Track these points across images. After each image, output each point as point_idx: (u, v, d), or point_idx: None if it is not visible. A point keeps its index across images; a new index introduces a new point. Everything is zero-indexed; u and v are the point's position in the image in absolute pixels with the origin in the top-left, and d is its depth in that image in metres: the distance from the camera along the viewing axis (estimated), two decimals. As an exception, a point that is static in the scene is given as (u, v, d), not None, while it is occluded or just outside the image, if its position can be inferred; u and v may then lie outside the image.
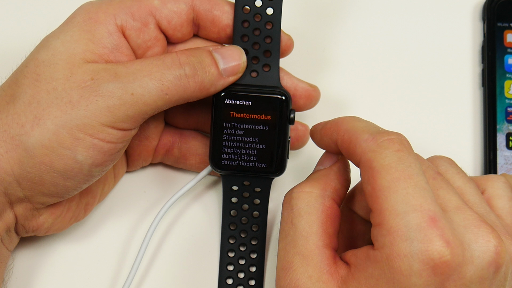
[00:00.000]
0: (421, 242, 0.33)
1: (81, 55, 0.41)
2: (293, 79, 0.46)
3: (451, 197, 0.36)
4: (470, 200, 0.38)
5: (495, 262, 0.35)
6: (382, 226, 0.34)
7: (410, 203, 0.34)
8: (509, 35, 0.52)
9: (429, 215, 0.34)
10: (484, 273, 0.35)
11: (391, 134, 0.36)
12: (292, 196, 0.39)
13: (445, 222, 0.34)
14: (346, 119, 0.39)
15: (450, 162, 0.41)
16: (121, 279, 0.47)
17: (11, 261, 0.46)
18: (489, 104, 0.51)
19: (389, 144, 0.36)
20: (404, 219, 0.34)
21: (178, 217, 0.49)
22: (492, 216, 0.38)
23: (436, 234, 0.34)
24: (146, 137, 0.47)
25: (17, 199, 0.41)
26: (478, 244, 0.35)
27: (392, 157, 0.35)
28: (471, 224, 0.35)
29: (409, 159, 0.35)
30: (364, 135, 0.37)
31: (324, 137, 0.40)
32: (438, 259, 0.33)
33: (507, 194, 0.40)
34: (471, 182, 0.40)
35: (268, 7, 0.44)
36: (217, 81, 0.42)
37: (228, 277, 0.46)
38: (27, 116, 0.40)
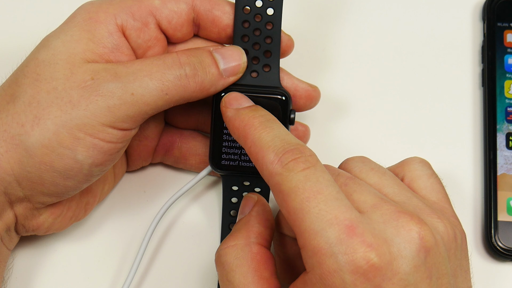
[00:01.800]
0: (345, 254, 0.33)
1: (81, 55, 0.41)
2: (293, 79, 0.46)
3: (365, 197, 0.36)
4: (389, 192, 0.38)
5: (423, 248, 0.35)
6: (306, 248, 0.34)
7: (325, 219, 0.34)
8: (509, 35, 0.52)
9: (346, 225, 0.34)
10: (416, 261, 0.34)
11: (296, 152, 0.36)
12: (220, 254, 0.39)
13: (363, 226, 0.34)
14: (254, 126, 0.38)
15: (362, 161, 0.40)
16: (121, 278, 0.47)
17: (11, 260, 0.46)
18: (489, 104, 0.51)
19: (294, 166, 0.35)
20: (324, 236, 0.34)
21: (178, 217, 0.49)
22: (414, 201, 0.38)
23: (358, 242, 0.33)
24: (146, 137, 0.47)
25: (17, 198, 0.41)
26: (400, 236, 0.34)
27: (299, 177, 0.35)
28: (390, 218, 0.35)
29: (316, 174, 0.35)
30: (270, 155, 0.36)
31: (232, 133, 0.39)
32: (366, 264, 0.33)
33: (425, 172, 0.40)
34: (386, 174, 0.39)
35: (269, 7, 0.44)
36: (217, 81, 0.42)
37: (228, 277, 0.46)
38: (27, 115, 0.40)
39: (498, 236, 0.48)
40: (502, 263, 0.49)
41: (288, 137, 0.37)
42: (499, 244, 0.48)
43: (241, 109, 0.40)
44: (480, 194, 0.50)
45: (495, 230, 0.48)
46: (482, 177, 0.50)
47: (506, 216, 0.48)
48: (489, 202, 0.48)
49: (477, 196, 0.50)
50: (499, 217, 0.48)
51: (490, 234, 0.48)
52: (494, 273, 0.48)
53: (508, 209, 0.48)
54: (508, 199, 0.49)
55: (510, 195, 0.49)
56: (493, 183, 0.49)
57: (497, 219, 0.48)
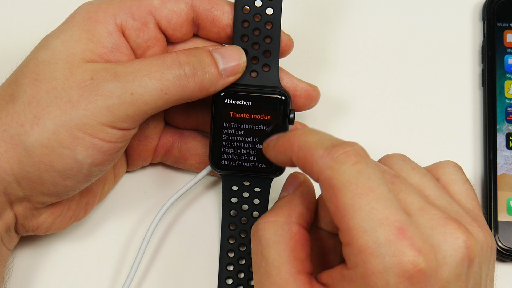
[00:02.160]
0: (393, 256, 0.33)
1: (81, 55, 0.41)
2: (293, 79, 0.46)
3: (412, 198, 0.36)
4: (430, 194, 0.38)
5: (467, 257, 0.35)
6: (352, 245, 0.34)
7: (376, 218, 0.33)
8: (509, 35, 0.52)
9: (396, 226, 0.33)
10: (459, 270, 0.34)
11: (346, 146, 0.35)
12: (259, 228, 0.38)
13: (413, 229, 0.34)
14: (298, 134, 0.37)
15: (403, 159, 0.40)
16: (121, 278, 0.47)
17: (11, 260, 0.46)
18: (489, 104, 0.51)
19: (345, 158, 0.34)
20: (373, 235, 0.33)
21: (178, 217, 0.49)
22: (454, 206, 0.37)
23: (407, 245, 0.33)
24: (145, 137, 0.47)
25: (17, 198, 0.41)
26: (447, 243, 0.34)
27: (351, 171, 0.34)
28: (437, 224, 0.35)
29: (368, 170, 0.34)
30: (319, 151, 0.35)
31: (279, 154, 0.39)
32: (413, 269, 0.33)
33: (460, 177, 0.40)
34: (428, 175, 0.39)
35: (268, 7, 0.44)
36: (217, 81, 0.42)
37: (228, 277, 0.46)
38: (26, 115, 0.40)
39: (498, 236, 0.48)
40: (502, 263, 0.49)
41: (335, 137, 0.37)
42: (499, 244, 0.48)
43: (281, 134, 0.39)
44: (480, 194, 0.50)
45: (495, 230, 0.48)
46: (482, 177, 0.50)
47: (506, 216, 0.48)
48: (489, 202, 0.48)
49: (477, 196, 0.50)
50: (499, 217, 0.48)
51: (490, 234, 0.48)
52: (494, 273, 0.48)
53: (508, 209, 0.48)
54: (508, 199, 0.49)
55: (510, 195, 0.49)
56: (493, 183, 0.49)
57: (497, 219, 0.48)
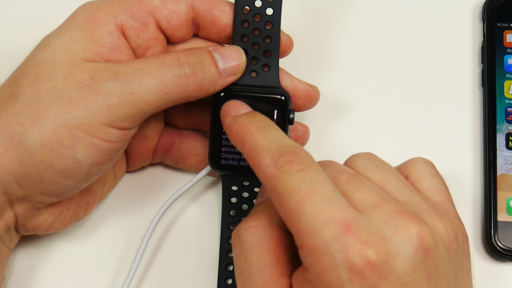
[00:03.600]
0: (340, 252, 0.33)
1: (81, 55, 0.41)
2: (293, 79, 0.46)
3: (366, 196, 0.36)
4: (392, 191, 0.38)
5: (421, 248, 0.34)
6: (303, 247, 0.34)
7: (321, 218, 0.34)
8: (508, 35, 0.52)
9: (341, 223, 0.34)
10: (414, 260, 0.34)
11: (290, 155, 0.36)
12: (240, 233, 0.38)
13: (359, 224, 0.34)
14: (251, 132, 0.38)
15: (368, 157, 0.40)
16: (121, 278, 0.47)
17: (11, 259, 0.47)
18: (488, 104, 0.51)
19: (289, 168, 0.35)
20: (320, 235, 0.34)
21: (177, 217, 0.49)
22: (416, 200, 0.38)
23: (353, 239, 0.33)
24: (145, 137, 0.47)
25: (17, 198, 0.41)
26: (399, 235, 0.34)
27: (294, 179, 0.35)
28: (389, 218, 0.35)
29: (311, 175, 0.35)
30: (266, 159, 0.36)
31: (231, 140, 0.40)
32: (361, 261, 0.33)
33: (429, 172, 0.40)
34: (391, 172, 0.39)
35: (268, 7, 0.44)
36: (217, 81, 0.42)
37: (228, 277, 0.46)
38: (26, 115, 0.40)
39: (498, 236, 0.48)
40: (502, 263, 0.49)
41: (284, 140, 0.37)
42: (499, 244, 0.48)
43: (239, 116, 0.40)
44: (480, 194, 0.50)
45: (494, 230, 0.48)
46: (482, 177, 0.50)
47: (506, 216, 0.48)
48: (489, 202, 0.48)
49: (477, 196, 0.50)
50: (499, 217, 0.48)
51: (490, 234, 0.48)
52: (494, 273, 0.48)
53: (508, 209, 0.48)
54: (508, 199, 0.49)
55: (510, 195, 0.49)
56: (493, 183, 0.49)
57: (497, 219, 0.48)
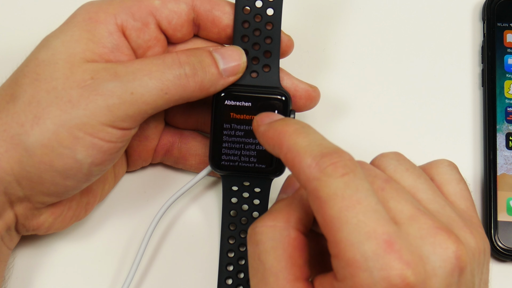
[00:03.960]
0: (380, 270, 0.32)
1: (81, 55, 0.41)
2: (293, 80, 0.46)
3: (402, 207, 0.35)
4: (423, 198, 0.37)
5: (457, 267, 0.34)
6: (340, 258, 0.33)
7: (363, 231, 0.33)
8: (509, 35, 0.52)
9: (384, 239, 0.33)
10: (449, 280, 0.34)
11: (334, 156, 0.34)
12: (256, 232, 0.37)
13: (401, 242, 0.33)
14: (288, 133, 0.36)
15: (397, 158, 0.39)
16: (121, 278, 0.47)
17: (11, 259, 0.47)
18: (488, 104, 0.51)
19: (333, 170, 0.34)
20: (360, 249, 0.33)
21: (177, 217, 0.49)
22: (447, 210, 0.37)
23: (395, 258, 0.33)
24: (146, 137, 0.47)
25: (17, 198, 0.41)
26: (437, 254, 0.34)
27: (338, 184, 0.34)
28: (427, 234, 0.34)
29: (356, 182, 0.34)
30: (307, 159, 0.35)
31: (267, 145, 0.38)
32: (401, 282, 0.33)
33: (455, 177, 0.40)
34: (422, 177, 0.38)
35: (268, 7, 0.44)
36: (217, 81, 0.42)
37: (228, 277, 0.46)
38: (27, 115, 0.40)
39: (498, 236, 0.48)
40: (502, 263, 0.49)
41: (325, 142, 0.36)
42: (499, 244, 0.48)
43: (273, 121, 0.38)
44: (480, 194, 0.50)
45: (495, 230, 0.48)
46: (482, 177, 0.50)
47: (506, 216, 0.48)
48: (489, 202, 0.48)
49: (477, 196, 0.50)
50: (499, 217, 0.48)
51: (490, 234, 0.48)
52: (494, 273, 0.48)
53: (508, 209, 0.48)
54: (508, 199, 0.49)
55: (510, 195, 0.49)
56: (493, 183, 0.49)
57: (497, 219, 0.48)
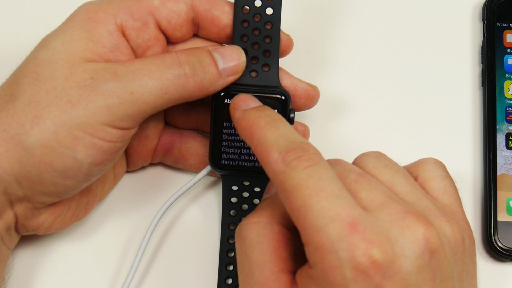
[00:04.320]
0: (346, 250, 0.33)
1: (81, 55, 0.41)
2: (293, 79, 0.46)
3: (374, 195, 0.36)
4: (400, 191, 0.38)
5: (427, 249, 0.34)
6: (309, 244, 0.34)
7: (327, 215, 0.34)
8: (508, 35, 0.52)
9: (348, 222, 0.34)
10: (419, 262, 0.34)
11: (299, 151, 0.36)
12: (242, 229, 0.38)
13: (365, 223, 0.34)
14: (260, 126, 0.38)
15: (377, 156, 0.40)
16: (121, 278, 0.47)
17: (11, 259, 0.47)
18: (488, 104, 0.51)
19: (297, 164, 0.35)
20: (326, 233, 0.34)
21: (177, 217, 0.49)
22: (424, 201, 0.37)
23: (359, 238, 0.33)
24: (145, 137, 0.47)
25: (17, 198, 0.41)
26: (405, 236, 0.34)
27: (301, 175, 0.35)
28: (396, 218, 0.35)
29: (319, 172, 0.35)
30: (274, 154, 0.36)
31: (240, 133, 0.39)
32: (367, 260, 0.33)
33: (439, 174, 0.40)
34: (400, 172, 0.39)
35: (268, 7, 0.44)
36: (217, 81, 0.42)
37: (228, 277, 0.46)
38: (26, 115, 0.40)
39: (498, 236, 0.48)
40: (502, 263, 0.49)
41: (293, 136, 0.37)
42: (499, 244, 0.48)
43: (248, 109, 0.40)
44: (480, 194, 0.50)
45: (494, 230, 0.48)
46: (482, 177, 0.50)
47: (506, 216, 0.48)
48: (489, 202, 0.48)
49: (477, 196, 0.50)
50: (499, 217, 0.48)
51: (490, 234, 0.48)
52: (494, 273, 0.48)
53: (508, 209, 0.48)
54: (508, 199, 0.49)
55: (510, 195, 0.49)
56: (493, 183, 0.49)
57: (497, 219, 0.48)
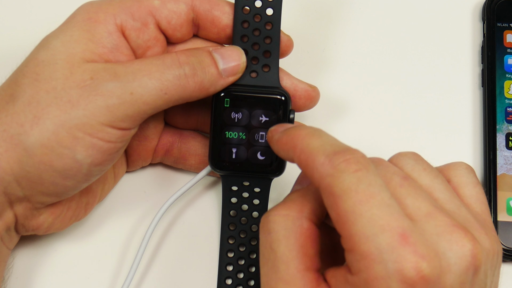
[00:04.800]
0: (395, 262, 0.33)
1: (81, 55, 0.41)
2: (293, 80, 0.46)
3: (420, 203, 0.36)
4: (440, 197, 0.37)
5: (472, 266, 0.34)
6: (354, 251, 0.34)
7: (377, 224, 0.33)
8: (508, 35, 0.52)
9: (399, 233, 0.33)
10: (463, 278, 0.34)
11: (347, 153, 0.35)
12: (269, 220, 0.37)
13: (416, 236, 0.33)
14: (301, 136, 0.37)
15: (415, 158, 0.39)
16: (121, 278, 0.47)
17: (11, 259, 0.47)
18: (488, 104, 0.51)
19: (346, 166, 0.34)
20: (375, 242, 0.33)
21: (177, 217, 0.49)
22: (463, 211, 0.37)
23: (409, 251, 0.33)
24: (145, 137, 0.47)
25: (17, 198, 0.41)
26: (453, 251, 0.34)
27: (351, 179, 0.34)
28: (444, 231, 0.35)
29: (369, 177, 0.34)
30: (320, 157, 0.35)
31: (281, 151, 0.38)
32: (416, 275, 0.33)
33: (472, 180, 0.40)
34: (439, 177, 0.38)
35: (268, 7, 0.44)
36: (217, 81, 0.42)
37: (228, 277, 0.46)
38: (26, 115, 0.40)
39: (498, 236, 0.48)
40: (502, 263, 0.48)
41: (338, 142, 0.36)
42: (499, 244, 0.48)
43: (287, 129, 0.39)
44: (480, 194, 0.50)
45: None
46: (482, 177, 0.50)
47: (506, 216, 0.48)
48: (489, 202, 0.48)
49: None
50: (499, 217, 0.48)
51: (489, 234, 0.48)
52: (494, 273, 0.48)
53: (508, 209, 0.48)
54: (508, 199, 0.49)
55: (510, 195, 0.49)
56: (493, 183, 0.49)
57: (497, 219, 0.48)
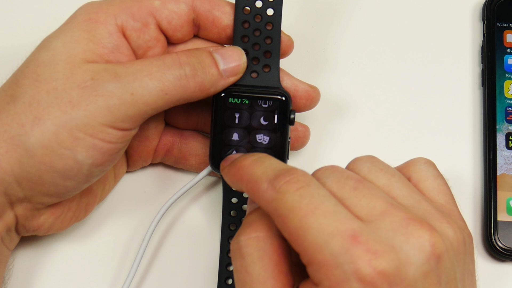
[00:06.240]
0: (350, 263, 0.33)
1: (81, 55, 0.41)
2: (293, 80, 0.46)
3: (375, 203, 0.36)
4: (398, 195, 0.38)
5: (433, 254, 0.34)
6: (312, 263, 0.34)
7: (327, 232, 0.34)
8: (508, 35, 0.52)
9: (349, 235, 0.33)
10: (425, 268, 0.34)
11: (287, 175, 0.36)
12: (241, 245, 0.37)
13: (367, 234, 0.34)
14: (246, 166, 0.38)
15: (371, 161, 0.39)
16: (121, 278, 0.47)
17: (11, 260, 0.47)
18: (488, 104, 0.51)
19: (287, 187, 0.35)
20: (328, 249, 0.33)
21: (178, 217, 0.49)
22: (423, 204, 0.37)
23: (362, 250, 0.33)
24: (146, 138, 0.47)
25: (17, 199, 0.41)
26: (410, 243, 0.34)
27: (294, 197, 0.35)
28: (399, 226, 0.35)
29: (310, 191, 0.35)
30: (263, 184, 0.36)
31: (231, 183, 0.39)
32: (372, 271, 0.33)
33: (432, 173, 0.40)
34: (396, 175, 0.39)
35: (269, 7, 0.44)
36: (217, 82, 0.42)
37: (228, 277, 0.46)
38: (27, 116, 0.40)
39: (498, 236, 0.48)
40: (502, 263, 0.49)
41: (280, 165, 0.37)
42: (499, 244, 0.48)
43: (233, 160, 0.40)
44: (480, 194, 0.50)
45: (494, 230, 0.48)
46: (482, 177, 0.50)
47: (506, 216, 0.48)
48: (489, 202, 0.49)
49: (477, 196, 0.50)
50: (499, 217, 0.48)
51: (490, 234, 0.48)
52: (494, 273, 0.48)
53: (508, 209, 0.48)
54: (508, 199, 0.49)
55: (510, 195, 0.49)
56: (493, 183, 0.49)
57: (497, 219, 0.48)
